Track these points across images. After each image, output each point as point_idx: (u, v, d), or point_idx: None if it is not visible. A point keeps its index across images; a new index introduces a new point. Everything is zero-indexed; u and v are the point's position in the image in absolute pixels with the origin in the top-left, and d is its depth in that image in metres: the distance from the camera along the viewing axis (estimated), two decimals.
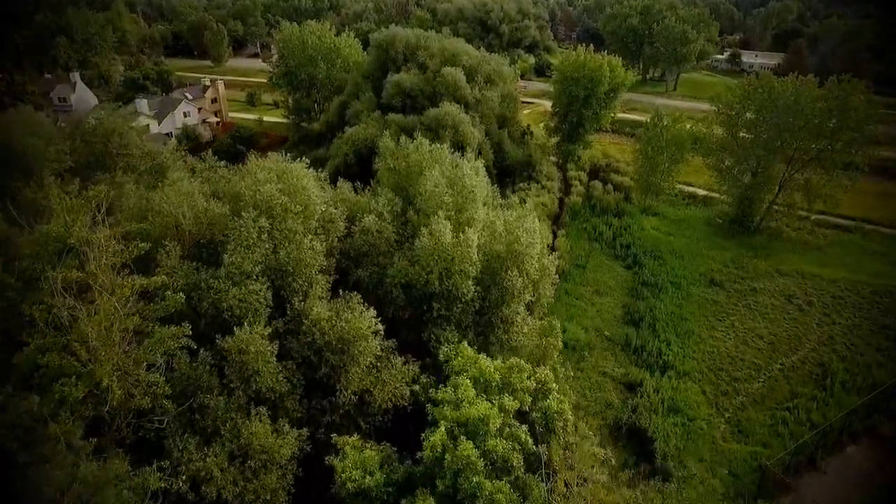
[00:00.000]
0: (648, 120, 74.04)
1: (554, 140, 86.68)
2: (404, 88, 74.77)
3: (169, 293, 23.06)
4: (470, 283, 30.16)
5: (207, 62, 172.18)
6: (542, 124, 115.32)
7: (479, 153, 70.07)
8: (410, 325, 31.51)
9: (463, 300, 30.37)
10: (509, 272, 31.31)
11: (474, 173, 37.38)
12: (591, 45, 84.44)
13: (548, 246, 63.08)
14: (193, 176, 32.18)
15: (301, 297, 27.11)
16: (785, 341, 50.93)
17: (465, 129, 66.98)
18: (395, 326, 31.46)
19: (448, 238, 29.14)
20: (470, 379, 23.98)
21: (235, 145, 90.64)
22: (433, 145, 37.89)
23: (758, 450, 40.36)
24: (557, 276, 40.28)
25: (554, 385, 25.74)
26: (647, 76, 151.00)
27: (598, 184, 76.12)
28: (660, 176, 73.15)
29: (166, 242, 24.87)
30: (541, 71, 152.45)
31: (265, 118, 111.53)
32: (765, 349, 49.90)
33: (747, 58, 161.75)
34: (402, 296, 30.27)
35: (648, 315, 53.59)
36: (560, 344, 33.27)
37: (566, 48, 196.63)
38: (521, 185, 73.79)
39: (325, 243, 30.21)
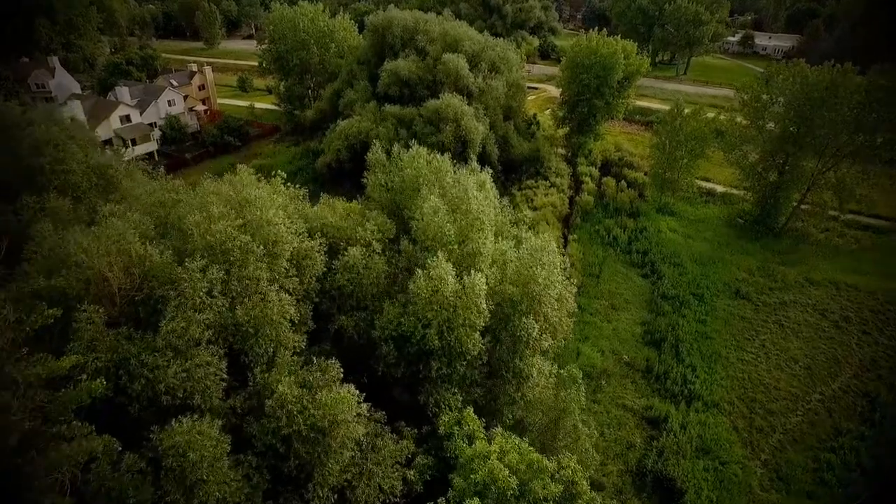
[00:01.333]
0: (670, 108, 67.10)
1: (562, 131, 79.97)
2: (402, 77, 67.91)
3: (84, 378, 17.23)
4: (476, 336, 24.27)
5: (200, 44, 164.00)
6: (547, 111, 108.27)
7: (483, 148, 63.80)
8: (404, 384, 25.71)
9: (468, 356, 24.51)
10: (524, 319, 25.40)
11: (481, 191, 31.22)
12: (598, 26, 77.20)
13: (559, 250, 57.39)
14: (138, 200, 25.92)
15: (265, 365, 21.27)
16: (823, 365, 45.22)
17: (467, 122, 60.45)
18: (385, 384, 25.70)
19: (450, 286, 23.16)
20: (480, 483, 18.36)
21: (223, 136, 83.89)
22: (432, 155, 31.62)
23: (802, 502, 34.99)
24: (576, 304, 34.25)
25: (584, 485, 20.05)
26: (657, 60, 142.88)
27: (610, 180, 69.62)
28: (677, 172, 66.78)
29: (84, 306, 18.94)
30: (545, 53, 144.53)
31: (257, 105, 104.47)
32: (801, 375, 44.23)
33: (760, 40, 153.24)
34: (393, 352, 24.40)
35: (670, 334, 47.83)
36: (583, 399, 27.47)
37: (571, 30, 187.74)
38: (528, 182, 67.42)
39: (298, 287, 24.24)
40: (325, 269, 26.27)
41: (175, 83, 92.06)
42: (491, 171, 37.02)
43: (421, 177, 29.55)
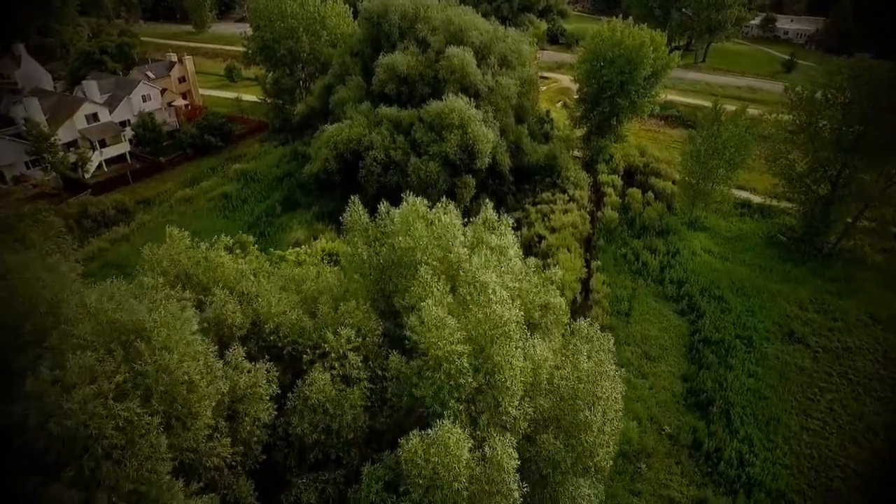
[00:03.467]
0: (709, 111, 57.35)
1: (579, 132, 70.20)
2: (399, 73, 57.99)
3: None
4: None
5: (190, 27, 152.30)
6: (559, 103, 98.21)
7: (493, 158, 54.36)
8: None
9: None
10: (568, 482, 16.63)
11: (503, 256, 22.27)
12: (607, 8, 66.87)
13: (580, 280, 48.46)
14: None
15: None
16: None
17: (475, 129, 50.87)
18: None
19: (463, 471, 14.35)
20: None
21: (203, 136, 74.11)
22: (434, 212, 22.44)
23: None
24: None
25: None
26: (672, 45, 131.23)
27: (636, 192, 60.09)
28: (711, 184, 57.27)
29: None
30: (554, 38, 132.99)
31: (244, 97, 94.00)
32: (886, 453, 35.57)
33: (781, 23, 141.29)
34: None
35: (719, 394, 39.12)
36: None
37: (579, 12, 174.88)
38: (543, 195, 57.98)
39: (230, 453, 15.44)
40: (278, 402, 17.43)
41: (152, 75, 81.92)
42: (496, 211, 28.09)
43: (419, 249, 20.43)
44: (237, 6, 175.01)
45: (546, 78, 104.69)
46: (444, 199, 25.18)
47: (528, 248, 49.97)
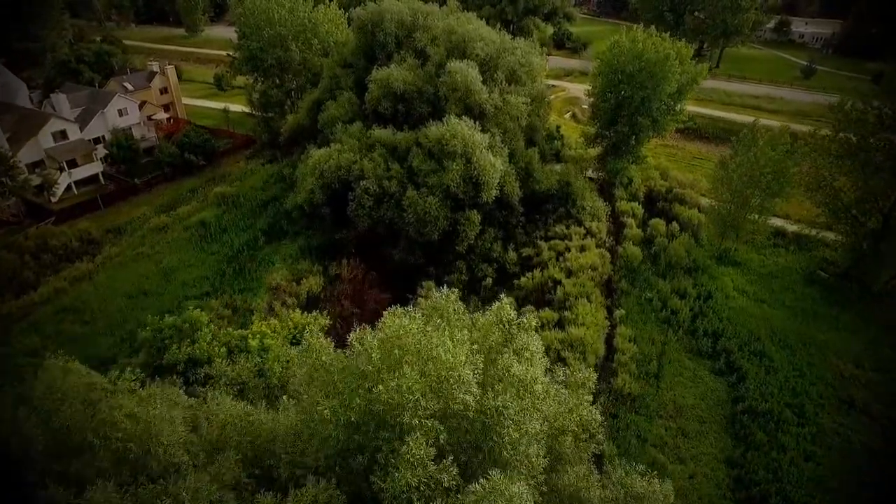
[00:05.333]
0: (742, 134, 50.04)
1: (594, 151, 62.89)
2: (395, 89, 50.67)
3: None
4: None
5: (183, 31, 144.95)
6: (567, 114, 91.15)
7: (501, 189, 47.15)
8: None
9: None
10: None
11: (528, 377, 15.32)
12: (614, 11, 59.46)
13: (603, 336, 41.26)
14: None
15: None
16: None
17: (480, 158, 43.66)
18: None
19: None
20: None
21: (183, 154, 66.88)
22: (434, 333, 15.27)
23: None
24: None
25: None
26: None
27: (659, 222, 52.82)
28: (745, 213, 50.10)
29: None
30: (560, 43, 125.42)
31: (233, 107, 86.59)
32: None
33: (796, 26, 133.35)
34: None
35: (773, 486, 32.03)
36: None
37: (585, 15, 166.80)
38: (556, 228, 50.77)
39: None
40: None
41: (130, 87, 74.70)
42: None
43: (407, 409, 13.34)
44: (232, 9, 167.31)
45: (553, 86, 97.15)
46: (445, 292, 18.24)
47: (542, 295, 42.84)
